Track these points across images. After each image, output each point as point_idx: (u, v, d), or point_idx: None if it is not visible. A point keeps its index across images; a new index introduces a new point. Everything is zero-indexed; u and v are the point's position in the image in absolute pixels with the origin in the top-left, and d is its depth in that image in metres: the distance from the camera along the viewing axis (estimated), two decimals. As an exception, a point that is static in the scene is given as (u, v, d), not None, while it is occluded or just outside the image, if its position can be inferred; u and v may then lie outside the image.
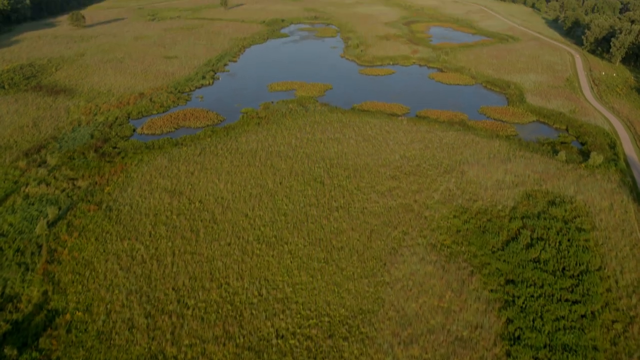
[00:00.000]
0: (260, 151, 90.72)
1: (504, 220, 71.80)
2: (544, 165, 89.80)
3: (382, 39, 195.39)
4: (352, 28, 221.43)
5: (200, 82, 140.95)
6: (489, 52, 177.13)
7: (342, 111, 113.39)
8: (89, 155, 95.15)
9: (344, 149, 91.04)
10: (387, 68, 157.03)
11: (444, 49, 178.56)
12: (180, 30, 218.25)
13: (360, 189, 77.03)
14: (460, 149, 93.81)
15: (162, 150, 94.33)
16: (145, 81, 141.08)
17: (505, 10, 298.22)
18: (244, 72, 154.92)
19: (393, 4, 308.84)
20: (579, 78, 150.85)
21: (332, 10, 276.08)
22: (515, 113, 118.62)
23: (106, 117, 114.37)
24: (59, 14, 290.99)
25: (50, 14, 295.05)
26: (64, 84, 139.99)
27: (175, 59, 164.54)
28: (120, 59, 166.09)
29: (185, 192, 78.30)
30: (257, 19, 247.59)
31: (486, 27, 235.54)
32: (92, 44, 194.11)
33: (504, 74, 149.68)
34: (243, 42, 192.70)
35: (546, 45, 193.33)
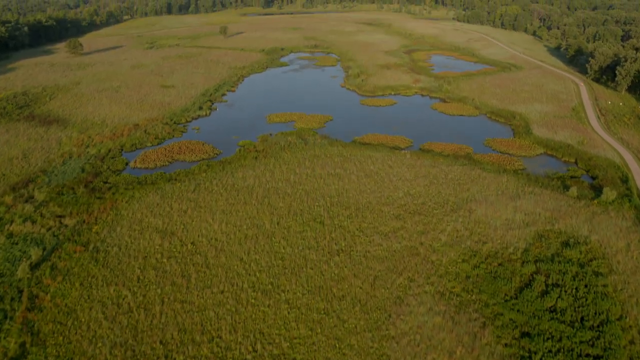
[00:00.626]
0: (258, 188, 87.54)
1: (516, 264, 68.09)
2: (555, 202, 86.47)
3: (383, 68, 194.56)
4: (352, 57, 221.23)
5: (197, 112, 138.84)
6: (492, 81, 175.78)
7: (342, 144, 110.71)
8: (79, 190, 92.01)
9: (345, 186, 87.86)
10: (388, 98, 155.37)
11: (446, 78, 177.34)
12: (178, 58, 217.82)
13: (362, 230, 73.51)
14: (466, 185, 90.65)
15: (155, 186, 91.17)
16: (141, 111, 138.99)
17: (507, 38, 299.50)
18: (242, 102, 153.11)
19: (393, 33, 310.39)
20: (584, 107, 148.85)
21: (333, 39, 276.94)
22: (522, 145, 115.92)
23: (99, 150, 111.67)
24: (57, 41, 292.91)
25: (49, 41, 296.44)
26: (57, 114, 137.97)
27: (172, 89, 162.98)
28: (116, 88, 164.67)
29: (177, 233, 74.78)
30: (256, 47, 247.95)
31: (488, 55, 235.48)
32: (89, 72, 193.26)
33: (508, 104, 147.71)
34: (242, 71, 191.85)
35: (550, 74, 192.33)
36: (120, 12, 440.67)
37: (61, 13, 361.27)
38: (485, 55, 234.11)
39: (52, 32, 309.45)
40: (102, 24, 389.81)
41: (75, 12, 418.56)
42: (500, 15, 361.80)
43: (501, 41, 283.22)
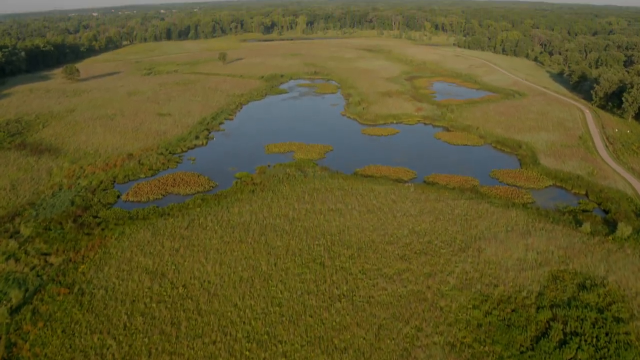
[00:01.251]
0: (254, 224, 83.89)
1: (530, 310, 64.02)
2: (568, 239, 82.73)
3: (384, 96, 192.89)
4: (352, 84, 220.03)
5: (193, 142, 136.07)
6: (495, 109, 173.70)
7: (343, 177, 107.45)
8: (67, 225, 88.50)
9: (346, 223, 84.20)
10: (390, 127, 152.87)
11: (449, 106, 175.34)
12: (175, 85, 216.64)
13: (365, 273, 69.58)
14: (474, 220, 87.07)
15: (147, 222, 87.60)
16: (135, 141, 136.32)
17: (508, 64, 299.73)
18: (240, 131, 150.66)
19: (394, 59, 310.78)
20: (592, 136, 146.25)
21: (332, 65, 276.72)
22: (530, 177, 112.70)
23: (90, 181, 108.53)
24: (55, 66, 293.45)
25: (47, 67, 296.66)
26: (50, 143, 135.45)
27: (169, 117, 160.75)
28: (111, 116, 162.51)
29: (168, 274, 70.89)
30: (255, 74, 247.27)
31: (490, 81, 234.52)
32: (84, 98, 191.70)
33: (513, 133, 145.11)
34: (240, 99, 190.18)
35: (554, 101, 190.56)
36: (120, 38, 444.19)
37: (60, 38, 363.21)
38: (488, 82, 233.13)
39: (50, 57, 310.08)
40: (101, 50, 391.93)
41: (75, 37, 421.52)
42: (501, 41, 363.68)
43: (503, 67, 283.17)
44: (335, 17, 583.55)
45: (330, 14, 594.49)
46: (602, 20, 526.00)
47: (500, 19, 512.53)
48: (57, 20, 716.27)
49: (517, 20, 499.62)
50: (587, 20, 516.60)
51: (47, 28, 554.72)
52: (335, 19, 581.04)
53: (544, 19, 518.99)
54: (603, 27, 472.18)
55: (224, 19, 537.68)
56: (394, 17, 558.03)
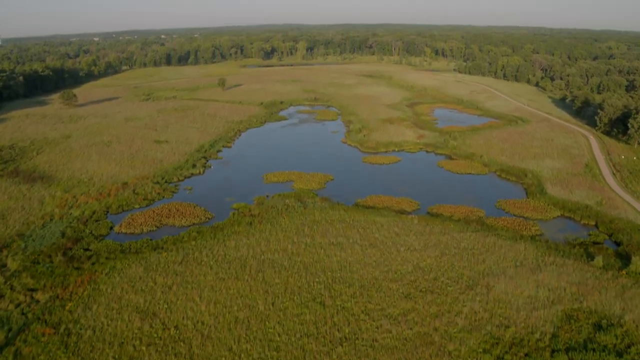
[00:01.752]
0: (251, 259, 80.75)
1: (545, 354, 60.48)
2: (580, 274, 79.53)
3: (385, 123, 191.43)
4: (353, 110, 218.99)
5: (190, 170, 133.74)
6: (499, 136, 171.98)
7: (344, 208, 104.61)
8: (56, 259, 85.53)
9: (347, 258, 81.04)
10: (392, 155, 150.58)
11: (452, 133, 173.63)
12: (174, 111, 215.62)
13: (368, 313, 66.17)
14: (481, 255, 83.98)
15: (139, 256, 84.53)
16: (131, 169, 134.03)
17: (510, 89, 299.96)
18: (238, 159, 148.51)
19: (395, 85, 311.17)
20: (598, 163, 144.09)
21: (333, 91, 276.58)
22: (537, 207, 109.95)
23: (82, 211, 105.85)
24: (53, 91, 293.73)
25: (45, 91, 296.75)
26: (43, 170, 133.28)
27: (166, 144, 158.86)
28: (107, 143, 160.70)
29: (159, 314, 67.50)
30: (255, 100, 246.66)
31: (492, 107, 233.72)
32: (80, 125, 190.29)
33: (518, 161, 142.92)
34: (239, 126, 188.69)
35: (558, 127, 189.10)
36: (119, 63, 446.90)
37: (59, 63, 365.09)
38: (490, 108, 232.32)
39: (49, 82, 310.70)
40: (100, 74, 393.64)
41: (74, 61, 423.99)
42: (502, 67, 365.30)
43: (504, 93, 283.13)
44: (335, 43, 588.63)
45: (330, 40, 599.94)
46: (601, 45, 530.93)
47: (500, 44, 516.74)
48: (58, 44, 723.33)
49: (517, 46, 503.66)
50: (586, 45, 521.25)
51: (47, 52, 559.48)
52: (335, 44, 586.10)
53: (544, 43, 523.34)
54: (603, 52, 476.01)
55: (224, 45, 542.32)
56: (394, 42, 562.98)
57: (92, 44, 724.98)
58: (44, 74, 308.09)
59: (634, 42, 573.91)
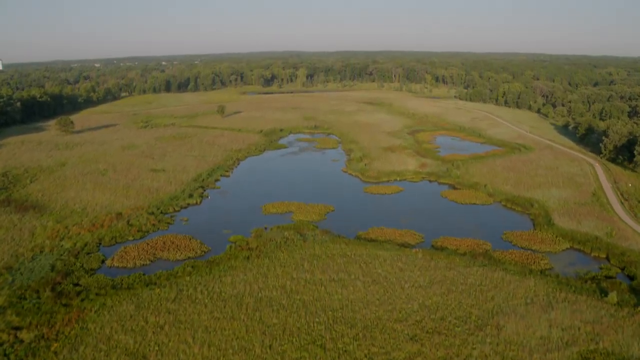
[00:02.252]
0: (248, 297, 77.31)
1: (561, 403, 56.85)
2: (594, 311, 76.10)
3: (386, 151, 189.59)
4: (353, 138, 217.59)
5: (186, 201, 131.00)
6: (502, 164, 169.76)
7: (345, 241, 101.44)
8: (44, 294, 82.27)
9: (349, 295, 77.59)
10: (394, 185, 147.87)
11: (454, 162, 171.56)
12: (172, 139, 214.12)
13: (372, 358, 62.44)
14: (490, 292, 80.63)
15: (131, 292, 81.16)
16: (126, 198, 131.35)
17: (512, 116, 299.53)
18: (236, 189, 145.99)
19: (395, 112, 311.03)
20: (605, 192, 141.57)
21: (333, 119, 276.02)
22: (545, 239, 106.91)
23: (74, 243, 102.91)
24: (51, 117, 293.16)
25: (43, 117, 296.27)
26: (36, 199, 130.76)
27: (162, 173, 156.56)
28: (102, 171, 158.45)
29: (149, 357, 63.89)
30: (254, 128, 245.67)
31: (495, 135, 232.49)
32: (76, 152, 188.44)
33: (523, 190, 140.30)
34: (238, 154, 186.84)
35: (562, 155, 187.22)
36: (118, 89, 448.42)
37: (57, 89, 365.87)
38: (492, 135, 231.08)
39: (47, 108, 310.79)
40: (99, 101, 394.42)
41: (73, 87, 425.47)
42: (503, 93, 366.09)
43: (506, 120, 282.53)
44: (335, 70, 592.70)
45: (330, 67, 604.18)
46: (601, 71, 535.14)
47: (500, 70, 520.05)
48: (59, 70, 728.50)
49: (518, 72, 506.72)
50: (587, 71, 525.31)
51: (47, 78, 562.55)
52: (335, 71, 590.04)
53: (544, 70, 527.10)
54: (603, 78, 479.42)
55: (224, 71, 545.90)
56: (394, 69, 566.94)
57: (92, 70, 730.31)
58: (42, 100, 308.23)
59: (633, 68, 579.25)
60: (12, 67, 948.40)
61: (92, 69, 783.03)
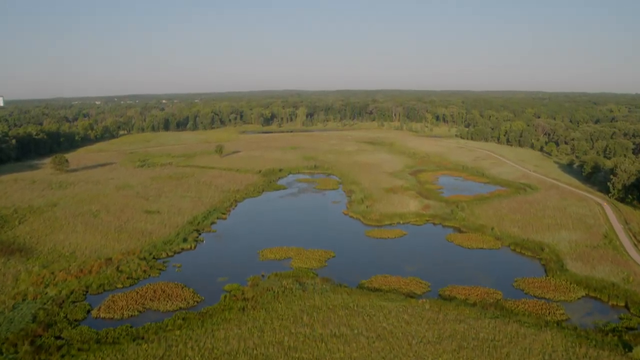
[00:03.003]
0: (242, 355, 71.57)
1: None
2: (618, 370, 70.45)
3: (388, 192, 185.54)
4: (354, 179, 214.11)
5: (180, 245, 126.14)
6: (508, 205, 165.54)
7: (347, 291, 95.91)
8: (22, 348, 77.08)
9: (352, 353, 71.83)
10: (397, 229, 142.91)
11: (459, 203, 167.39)
12: (168, 179, 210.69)
13: None
14: (504, 348, 75.01)
15: (116, 348, 75.55)
16: (117, 242, 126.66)
17: (514, 155, 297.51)
18: (233, 232, 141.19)
19: (396, 152, 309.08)
20: (617, 234, 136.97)
21: (333, 159, 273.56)
22: (559, 287, 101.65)
23: (59, 290, 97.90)
24: (47, 155, 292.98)
25: (39, 155, 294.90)
26: (23, 242, 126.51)
27: (157, 215, 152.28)
28: (95, 213, 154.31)
29: None
30: (253, 168, 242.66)
31: (498, 174, 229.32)
32: (69, 192, 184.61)
33: (531, 233, 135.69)
34: (235, 195, 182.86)
35: (569, 194, 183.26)
36: (117, 127, 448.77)
37: (54, 126, 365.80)
38: (496, 175, 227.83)
39: (43, 145, 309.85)
40: (97, 139, 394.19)
41: (70, 125, 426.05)
42: (504, 132, 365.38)
43: (509, 159, 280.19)
44: (335, 109, 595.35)
45: (330, 106, 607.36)
46: (602, 108, 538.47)
47: (501, 108, 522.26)
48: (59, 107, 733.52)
49: (518, 110, 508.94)
50: (587, 108, 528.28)
51: (46, 115, 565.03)
52: (335, 110, 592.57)
53: (545, 107, 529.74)
54: (605, 115, 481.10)
55: (223, 110, 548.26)
56: (394, 108, 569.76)
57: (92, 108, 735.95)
58: (38, 138, 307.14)
59: (633, 104, 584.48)
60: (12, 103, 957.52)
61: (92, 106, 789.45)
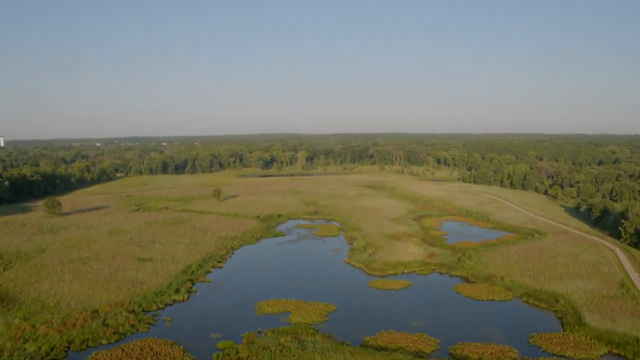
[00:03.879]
0: None
1: None
2: None
3: (391, 239, 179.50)
4: (355, 225, 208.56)
5: (172, 297, 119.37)
6: (517, 253, 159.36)
7: (351, 349, 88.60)
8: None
9: None
10: (402, 279, 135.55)
11: (465, 251, 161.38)
12: (163, 224, 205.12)
13: None
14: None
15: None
16: (106, 292, 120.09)
17: (519, 199, 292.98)
18: (228, 283, 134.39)
19: (398, 196, 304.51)
20: (633, 282, 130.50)
21: (333, 204, 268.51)
22: (578, 343, 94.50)
23: (39, 346, 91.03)
24: (42, 197, 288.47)
25: (33, 197, 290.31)
26: (6, 290, 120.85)
27: (149, 263, 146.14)
28: (84, 260, 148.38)
29: None
30: (251, 213, 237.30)
31: (504, 219, 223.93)
32: (59, 237, 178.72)
33: (544, 282, 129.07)
34: (232, 242, 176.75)
35: (579, 240, 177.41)
36: (114, 170, 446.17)
37: (50, 168, 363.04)
38: (502, 220, 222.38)
39: (37, 187, 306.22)
40: (94, 181, 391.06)
41: (67, 167, 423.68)
42: (508, 175, 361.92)
43: (514, 202, 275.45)
44: (335, 152, 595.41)
45: (331, 149, 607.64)
46: (604, 149, 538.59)
47: (502, 151, 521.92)
48: (58, 148, 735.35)
49: (520, 153, 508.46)
50: (589, 150, 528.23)
51: (44, 156, 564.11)
52: (335, 154, 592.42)
53: (547, 150, 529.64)
54: (607, 156, 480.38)
55: (222, 153, 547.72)
56: (395, 151, 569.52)
57: (91, 149, 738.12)
58: (33, 179, 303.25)
59: (634, 145, 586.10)
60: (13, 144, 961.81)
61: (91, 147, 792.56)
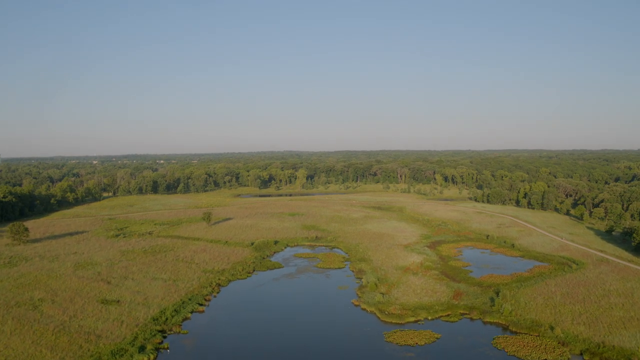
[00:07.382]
0: None
1: None
2: None
3: (406, 272, 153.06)
4: (364, 254, 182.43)
5: (134, 357, 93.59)
6: (559, 290, 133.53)
7: None
8: None
9: None
10: (426, 330, 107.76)
11: (497, 288, 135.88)
12: (142, 254, 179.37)
13: None
14: None
15: None
16: (51, 351, 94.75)
17: (541, 220, 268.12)
18: (209, 334, 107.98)
19: (408, 218, 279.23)
20: None
21: (337, 228, 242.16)
22: None
23: None
24: (17, 219, 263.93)
25: (7, 220, 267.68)
26: None
27: (115, 306, 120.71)
28: (36, 303, 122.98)
29: None
30: (244, 239, 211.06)
31: (531, 245, 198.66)
32: (14, 271, 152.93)
33: (604, 333, 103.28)
34: (219, 277, 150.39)
35: (627, 272, 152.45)
36: (100, 190, 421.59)
37: (27, 188, 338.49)
38: (528, 246, 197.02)
39: (12, 209, 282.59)
40: (77, 202, 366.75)
41: (49, 186, 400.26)
42: (524, 193, 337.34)
43: (537, 225, 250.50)
44: (337, 171, 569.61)
45: (332, 167, 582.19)
46: (619, 165, 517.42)
47: (513, 168, 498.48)
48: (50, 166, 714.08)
49: (532, 170, 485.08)
50: (603, 166, 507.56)
51: (29, 174, 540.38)
52: (337, 172, 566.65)
53: (559, 166, 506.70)
54: (624, 172, 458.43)
55: (218, 172, 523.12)
56: (400, 169, 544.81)
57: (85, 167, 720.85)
58: (6, 201, 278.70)
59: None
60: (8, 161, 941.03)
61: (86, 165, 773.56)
